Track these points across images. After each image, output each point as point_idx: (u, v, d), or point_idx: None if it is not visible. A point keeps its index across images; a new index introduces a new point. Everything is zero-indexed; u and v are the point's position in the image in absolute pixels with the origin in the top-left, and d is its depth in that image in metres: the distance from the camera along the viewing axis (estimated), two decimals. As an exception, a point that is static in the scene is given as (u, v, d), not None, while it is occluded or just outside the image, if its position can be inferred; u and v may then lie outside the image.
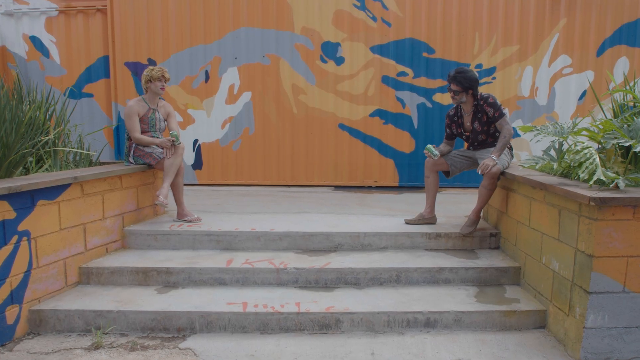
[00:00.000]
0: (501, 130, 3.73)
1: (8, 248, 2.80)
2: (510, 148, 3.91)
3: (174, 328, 2.92)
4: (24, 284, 2.92)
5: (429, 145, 3.90)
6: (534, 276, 3.18)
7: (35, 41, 6.75)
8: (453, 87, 3.74)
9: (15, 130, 3.22)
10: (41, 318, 2.95)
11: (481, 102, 3.77)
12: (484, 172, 3.59)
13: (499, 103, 3.77)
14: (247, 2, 6.38)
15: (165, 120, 4.32)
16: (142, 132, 4.17)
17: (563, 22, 6.20)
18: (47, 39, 6.74)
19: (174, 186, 4.18)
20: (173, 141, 4.05)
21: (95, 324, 2.93)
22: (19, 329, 2.90)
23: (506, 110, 3.74)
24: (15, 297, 2.87)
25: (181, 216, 4.16)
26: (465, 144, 4.09)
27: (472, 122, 3.87)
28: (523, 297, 3.17)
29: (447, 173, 4.09)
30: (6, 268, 2.79)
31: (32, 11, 6.68)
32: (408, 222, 4.05)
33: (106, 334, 2.89)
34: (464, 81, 3.69)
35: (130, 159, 4.17)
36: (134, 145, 4.17)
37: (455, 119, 3.99)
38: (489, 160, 3.60)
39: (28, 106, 3.79)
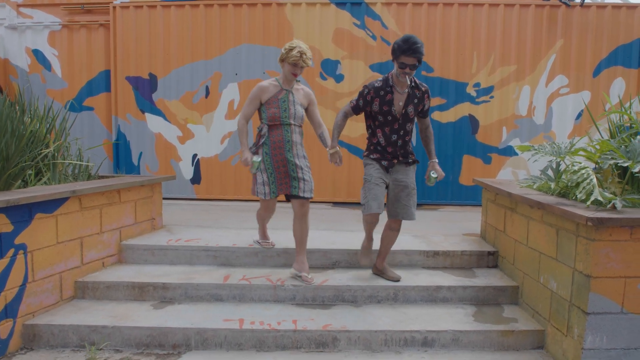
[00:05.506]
0: (428, 127, 3.45)
1: (4, 261, 2.79)
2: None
3: (169, 344, 2.89)
4: (18, 298, 2.90)
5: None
6: (532, 296, 3.17)
7: (37, 54, 6.80)
8: (417, 62, 3.11)
9: (15, 143, 3.23)
10: (35, 333, 2.92)
11: (422, 89, 3.32)
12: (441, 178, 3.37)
13: None
14: (249, 19, 6.46)
15: (305, 107, 3.55)
16: (272, 114, 3.40)
17: (560, 43, 6.28)
18: (50, 53, 6.79)
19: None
20: (251, 166, 3.41)
21: (89, 340, 2.90)
22: (12, 343, 2.86)
23: None
24: (10, 311, 2.84)
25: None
26: (383, 137, 3.33)
27: (405, 104, 3.26)
28: (521, 316, 3.16)
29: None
30: (1, 282, 2.77)
31: (36, 25, 6.75)
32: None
33: (100, 349, 2.86)
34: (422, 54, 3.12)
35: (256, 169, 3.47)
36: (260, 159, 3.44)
37: (382, 93, 3.24)
38: (439, 169, 3.37)
39: (29, 119, 3.81)
